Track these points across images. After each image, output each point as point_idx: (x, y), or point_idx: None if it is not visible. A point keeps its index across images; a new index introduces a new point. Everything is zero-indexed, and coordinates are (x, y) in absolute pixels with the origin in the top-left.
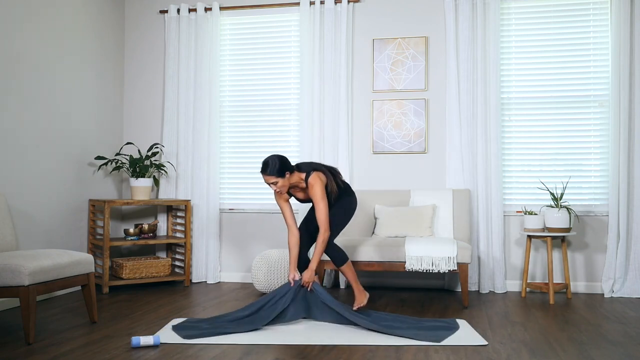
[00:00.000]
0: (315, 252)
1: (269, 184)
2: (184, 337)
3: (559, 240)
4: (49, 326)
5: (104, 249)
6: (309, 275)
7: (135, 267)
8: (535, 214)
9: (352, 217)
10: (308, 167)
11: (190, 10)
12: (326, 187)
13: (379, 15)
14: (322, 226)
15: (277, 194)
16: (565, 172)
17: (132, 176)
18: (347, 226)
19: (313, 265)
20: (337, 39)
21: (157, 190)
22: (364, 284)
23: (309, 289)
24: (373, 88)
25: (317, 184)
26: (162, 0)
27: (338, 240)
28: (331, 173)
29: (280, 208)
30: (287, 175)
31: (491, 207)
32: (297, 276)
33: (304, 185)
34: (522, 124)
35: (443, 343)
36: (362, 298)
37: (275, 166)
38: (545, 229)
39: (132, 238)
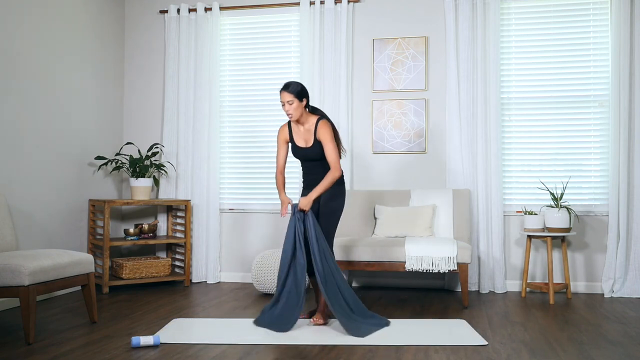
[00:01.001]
0: (321, 184)
1: (284, 102)
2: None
3: (559, 240)
4: (49, 326)
5: (104, 249)
6: (305, 202)
7: (135, 267)
8: (535, 214)
9: (352, 215)
10: (322, 114)
11: (190, 10)
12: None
13: (379, 15)
14: (333, 165)
15: (282, 129)
16: (565, 172)
17: (132, 176)
18: (347, 226)
19: (313, 194)
20: (337, 39)
21: (157, 190)
22: (364, 284)
23: (305, 211)
24: (373, 88)
25: (327, 127)
26: (162, 0)
27: (338, 240)
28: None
29: (278, 147)
30: (304, 102)
31: (491, 207)
32: (290, 200)
33: (310, 127)
34: (522, 124)
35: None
36: (322, 318)
37: (297, 87)
38: (545, 229)
39: (132, 238)
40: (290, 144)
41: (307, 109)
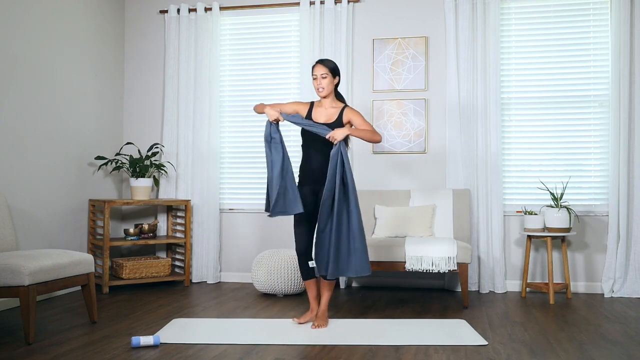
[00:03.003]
0: (361, 130)
1: (317, 76)
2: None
3: (559, 240)
4: (49, 326)
5: (104, 249)
6: (341, 132)
7: (135, 267)
8: (535, 214)
9: None
10: (346, 103)
11: (190, 10)
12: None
13: (379, 15)
14: (374, 130)
15: (302, 103)
16: (565, 172)
17: (132, 176)
18: None
19: (353, 130)
20: (337, 39)
21: (157, 190)
22: (364, 284)
23: (333, 140)
24: (373, 88)
25: (357, 111)
26: (162, 0)
27: None
28: None
29: (286, 104)
30: (337, 80)
31: (491, 207)
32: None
33: (336, 109)
34: (522, 124)
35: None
36: (324, 322)
37: (332, 63)
38: (545, 229)
39: (132, 238)
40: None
41: (335, 91)
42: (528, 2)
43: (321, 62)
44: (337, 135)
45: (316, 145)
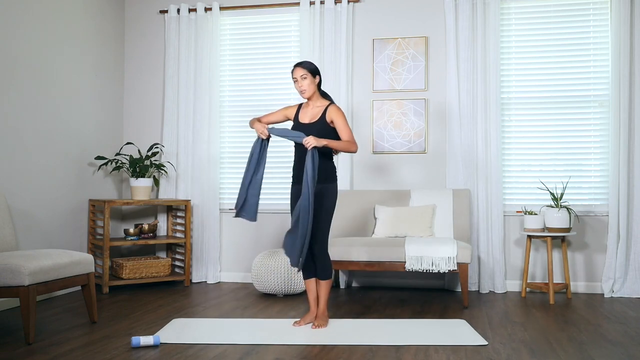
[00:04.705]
0: (337, 142)
1: (297, 78)
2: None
3: (559, 240)
4: (49, 326)
5: (104, 249)
6: (315, 140)
7: (135, 267)
8: (535, 214)
9: (352, 215)
10: (332, 100)
11: (190, 10)
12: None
13: (379, 15)
14: (351, 140)
15: (291, 106)
16: (565, 172)
17: (132, 176)
18: (346, 226)
19: (326, 141)
20: (337, 39)
21: (157, 190)
22: (364, 284)
23: (307, 146)
24: (373, 88)
25: (341, 111)
26: (162, 0)
27: (338, 240)
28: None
29: (275, 111)
30: (317, 79)
31: (491, 207)
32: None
33: (320, 108)
34: (522, 124)
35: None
36: (324, 322)
37: (311, 65)
38: (545, 229)
39: (132, 238)
40: (292, 124)
41: (318, 91)
42: (528, 2)
43: (299, 64)
44: (310, 141)
45: (302, 149)
